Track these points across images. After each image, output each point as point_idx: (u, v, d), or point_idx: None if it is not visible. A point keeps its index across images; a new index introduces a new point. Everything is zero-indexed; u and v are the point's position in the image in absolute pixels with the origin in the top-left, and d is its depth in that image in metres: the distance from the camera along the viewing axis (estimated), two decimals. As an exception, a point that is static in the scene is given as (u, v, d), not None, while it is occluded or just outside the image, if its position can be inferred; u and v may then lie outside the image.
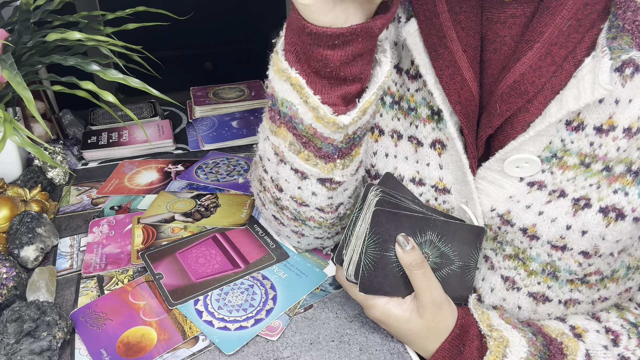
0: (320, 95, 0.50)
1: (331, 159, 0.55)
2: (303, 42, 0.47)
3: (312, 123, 0.51)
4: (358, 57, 0.48)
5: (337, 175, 0.56)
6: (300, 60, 0.49)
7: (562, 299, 0.55)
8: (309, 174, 0.56)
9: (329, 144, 0.53)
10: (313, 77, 0.49)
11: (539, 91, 0.50)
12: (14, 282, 0.61)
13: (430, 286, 0.53)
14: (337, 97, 0.50)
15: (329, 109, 0.50)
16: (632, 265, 0.55)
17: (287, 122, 0.53)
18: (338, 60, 0.47)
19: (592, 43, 0.48)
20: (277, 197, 0.63)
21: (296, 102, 0.51)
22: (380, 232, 0.53)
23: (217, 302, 0.63)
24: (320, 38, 0.46)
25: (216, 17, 1.56)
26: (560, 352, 0.53)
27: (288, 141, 0.54)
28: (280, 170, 0.58)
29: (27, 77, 0.80)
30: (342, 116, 0.50)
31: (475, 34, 0.53)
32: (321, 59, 0.47)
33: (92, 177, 0.91)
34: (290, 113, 0.52)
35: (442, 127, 0.57)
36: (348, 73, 0.49)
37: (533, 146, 0.51)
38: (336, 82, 0.50)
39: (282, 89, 0.51)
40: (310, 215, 0.62)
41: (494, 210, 0.55)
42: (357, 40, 0.46)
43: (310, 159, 0.55)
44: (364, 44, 0.47)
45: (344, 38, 0.45)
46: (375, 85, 0.51)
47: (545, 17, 0.48)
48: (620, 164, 0.48)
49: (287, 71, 0.50)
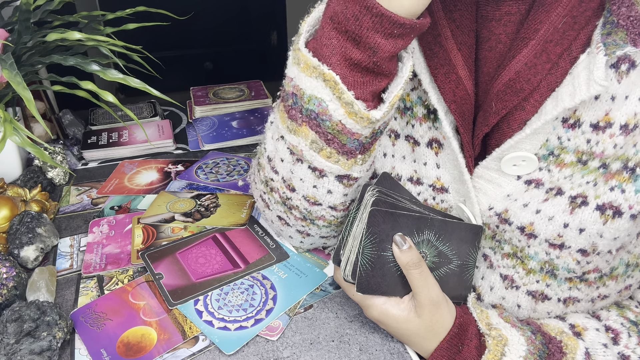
0: (354, 91, 0.50)
1: (353, 154, 0.55)
2: (360, 25, 0.46)
3: (342, 119, 0.51)
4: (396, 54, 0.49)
5: (356, 171, 0.57)
6: (335, 53, 0.49)
7: (561, 297, 0.55)
8: (328, 171, 0.56)
9: (354, 139, 0.53)
10: (347, 72, 0.49)
11: (535, 89, 0.50)
12: (14, 282, 0.61)
13: (428, 285, 0.53)
14: (368, 94, 0.51)
15: (363, 104, 0.50)
16: (631, 263, 0.54)
17: (310, 120, 0.53)
18: (388, 52, 0.47)
19: (588, 40, 0.48)
20: (287, 197, 0.62)
21: (327, 99, 0.50)
22: (377, 232, 0.53)
23: (217, 302, 0.63)
24: (383, 23, 0.46)
25: (216, 17, 1.56)
26: (559, 350, 0.52)
27: (310, 139, 0.54)
28: (295, 169, 0.58)
29: (27, 77, 0.80)
30: (374, 111, 0.51)
31: (470, 32, 0.53)
32: (372, 46, 0.47)
33: (92, 177, 0.91)
34: (319, 110, 0.51)
35: (438, 126, 0.57)
36: (386, 68, 0.49)
37: (530, 144, 0.51)
38: (369, 77, 0.50)
39: (312, 86, 0.51)
40: (321, 214, 0.62)
41: (492, 209, 0.55)
42: (410, 36, 0.47)
43: (332, 156, 0.55)
44: (410, 40, 0.48)
45: (404, 29, 0.46)
46: (402, 79, 0.52)
47: (540, 14, 0.48)
48: (616, 161, 0.48)
49: (319, 67, 0.49)
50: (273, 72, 1.24)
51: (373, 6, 0.45)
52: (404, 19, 0.45)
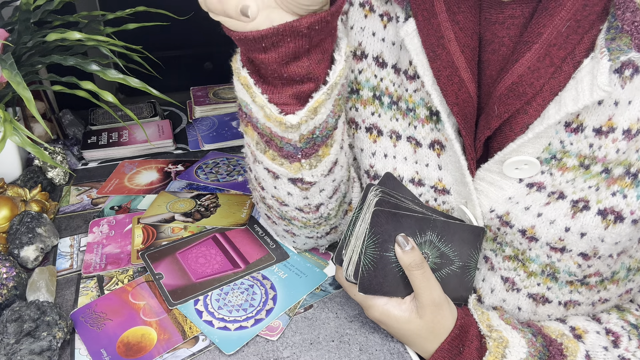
0: (270, 95, 0.49)
1: (295, 158, 0.54)
2: (242, 49, 0.48)
3: (265, 122, 0.51)
4: (301, 56, 0.47)
5: (307, 175, 0.55)
6: (250, 62, 0.49)
7: (562, 300, 0.55)
8: (279, 173, 0.56)
9: (286, 143, 0.52)
10: (258, 78, 0.50)
11: (538, 93, 0.49)
12: (14, 282, 0.61)
13: (430, 286, 0.53)
14: (289, 97, 0.49)
15: (275, 108, 0.49)
16: (632, 267, 0.55)
17: (249, 121, 0.54)
18: (274, 62, 0.46)
19: (591, 44, 0.47)
20: (262, 196, 0.63)
21: (248, 101, 0.51)
22: (380, 232, 0.53)
23: (217, 302, 0.63)
24: (248, 43, 0.45)
25: (216, 17, 1.55)
26: (560, 353, 0.52)
27: (255, 140, 0.55)
28: (257, 169, 0.59)
29: (27, 77, 0.80)
30: (289, 116, 0.49)
31: (474, 35, 0.53)
32: (259, 62, 0.47)
33: (92, 177, 0.91)
34: (247, 111, 0.52)
35: (441, 127, 0.57)
36: (292, 73, 0.47)
37: (532, 148, 0.51)
38: (284, 82, 0.49)
39: (238, 88, 0.52)
40: (293, 214, 0.62)
41: (493, 212, 0.55)
42: (286, 41, 0.45)
43: (275, 159, 0.55)
44: (295, 44, 0.45)
45: (269, 39, 0.44)
46: (326, 85, 0.49)
47: (543, 18, 0.48)
48: (619, 166, 0.48)
49: (238, 70, 0.50)
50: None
51: (232, 35, 0.46)
52: (259, 32, 0.44)
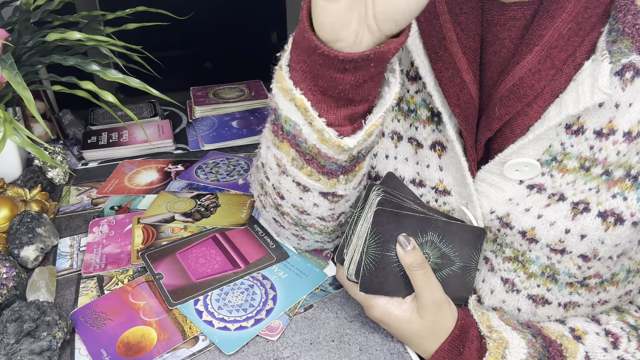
0: (326, 117, 0.48)
1: (334, 175, 0.53)
2: (313, 61, 0.45)
3: (316, 144, 0.49)
4: (368, 81, 0.46)
5: (340, 189, 0.55)
6: (306, 78, 0.47)
7: (562, 302, 0.55)
8: (311, 187, 0.55)
9: (332, 162, 0.51)
10: (319, 97, 0.47)
11: (538, 95, 0.50)
12: (14, 282, 0.61)
13: (431, 287, 0.53)
14: (343, 118, 0.48)
15: (334, 132, 0.48)
16: (632, 269, 0.55)
17: (290, 139, 0.51)
18: (348, 84, 0.45)
19: (592, 46, 0.47)
20: (278, 204, 0.62)
21: (300, 123, 0.49)
22: (382, 232, 0.53)
23: (217, 302, 0.63)
24: (331, 61, 0.43)
25: (216, 17, 1.56)
26: (559, 354, 0.52)
27: (291, 156, 0.53)
28: (282, 180, 0.57)
29: (27, 77, 0.80)
30: (347, 139, 0.48)
31: (475, 36, 0.53)
32: (330, 80, 0.45)
33: (92, 177, 0.91)
34: (294, 132, 0.50)
35: (442, 129, 0.57)
36: (356, 95, 0.47)
37: (533, 150, 0.51)
38: (343, 102, 0.47)
39: (286, 108, 0.49)
40: (311, 222, 0.62)
41: (494, 213, 0.55)
42: (370, 66, 0.44)
43: (313, 175, 0.53)
44: (376, 69, 0.45)
45: (356, 64, 0.43)
46: (383, 107, 0.49)
47: (545, 20, 0.48)
48: (619, 169, 0.48)
49: (292, 91, 0.47)
50: (273, 72, 1.24)
51: (317, 47, 0.43)
52: (351, 55, 0.42)
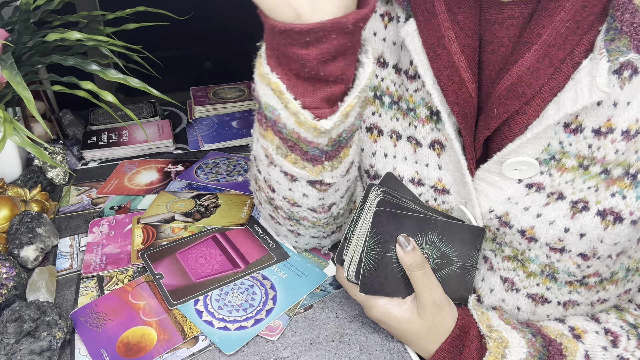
0: (302, 99, 0.48)
1: (319, 161, 0.53)
2: (277, 43, 0.45)
3: (294, 128, 0.49)
4: (338, 56, 0.45)
5: (327, 177, 0.55)
6: (281, 63, 0.47)
7: (561, 301, 0.55)
8: (298, 176, 0.55)
9: (314, 147, 0.51)
10: (294, 81, 0.47)
11: (537, 93, 0.50)
12: (14, 282, 0.61)
13: (431, 287, 0.53)
14: (320, 100, 0.48)
15: (310, 114, 0.48)
16: (631, 268, 0.55)
17: (272, 126, 0.52)
18: (314, 59, 0.45)
19: (590, 45, 0.48)
20: (270, 197, 0.62)
21: (278, 107, 0.49)
22: (381, 233, 0.53)
23: (217, 302, 0.63)
24: (290, 36, 0.43)
25: (216, 17, 1.55)
26: (559, 353, 0.53)
27: (275, 144, 0.53)
28: (271, 172, 0.58)
29: (27, 77, 0.80)
30: (323, 121, 0.48)
31: (474, 35, 0.53)
32: (297, 59, 0.45)
33: (92, 177, 0.91)
34: (274, 117, 0.50)
35: (441, 127, 0.57)
36: (328, 73, 0.46)
37: (531, 148, 0.51)
38: (318, 84, 0.47)
39: (265, 94, 0.50)
40: (303, 215, 0.62)
41: (493, 212, 0.55)
42: (330, 37, 0.43)
43: (297, 162, 0.53)
44: (339, 41, 0.44)
45: (314, 34, 0.43)
46: (357, 88, 0.49)
47: (543, 18, 0.48)
48: (618, 167, 0.48)
49: (267, 76, 0.48)
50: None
51: (274, 26, 0.43)
52: (307, 25, 0.42)
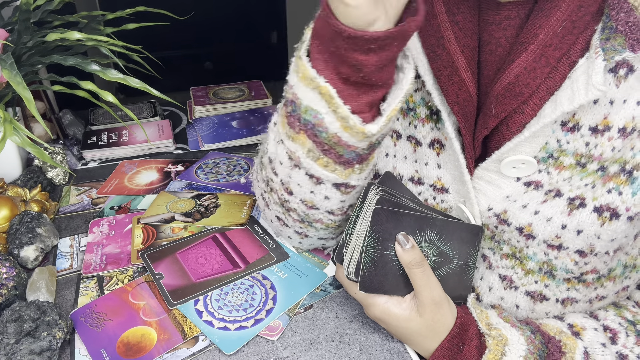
0: (349, 104, 0.48)
1: (350, 164, 0.54)
2: (337, 47, 0.45)
3: (337, 132, 0.50)
4: (390, 63, 0.47)
5: (354, 179, 0.56)
6: (329, 67, 0.48)
7: (560, 298, 0.56)
8: (325, 179, 0.55)
9: (351, 151, 0.52)
10: (340, 86, 0.48)
11: (534, 92, 0.50)
12: (14, 282, 0.61)
13: (430, 285, 0.53)
14: (365, 105, 0.50)
15: (359, 118, 0.49)
16: (628, 264, 0.55)
17: (308, 129, 0.52)
18: (373, 66, 0.46)
19: (586, 44, 0.48)
20: (285, 200, 0.62)
21: (323, 111, 0.49)
22: (381, 231, 0.53)
23: (217, 302, 0.63)
24: (357, 42, 0.44)
25: (216, 17, 1.56)
26: (558, 350, 0.53)
27: (307, 148, 0.53)
28: (293, 174, 0.57)
29: (27, 77, 0.80)
30: (370, 125, 0.49)
31: (473, 35, 0.53)
32: (355, 64, 0.46)
33: (92, 177, 0.91)
34: (315, 121, 0.50)
35: (441, 127, 0.57)
36: (378, 79, 0.48)
37: (529, 147, 0.52)
38: (362, 88, 0.48)
39: (308, 97, 0.50)
40: (318, 217, 0.62)
41: (491, 210, 0.55)
42: (393, 45, 0.45)
43: (329, 165, 0.54)
44: (398, 48, 0.46)
45: (381, 42, 0.44)
46: (401, 92, 0.50)
47: (539, 19, 0.49)
48: (614, 164, 0.49)
49: (315, 80, 0.48)
50: (273, 72, 1.24)
51: (342, 31, 0.44)
52: (376, 34, 0.43)
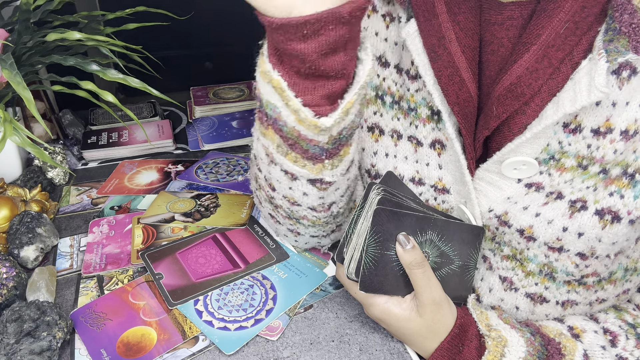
0: (303, 97, 0.48)
1: (319, 160, 0.54)
2: (276, 40, 0.46)
3: (295, 125, 0.50)
4: (338, 49, 0.46)
5: (327, 175, 0.55)
6: (282, 61, 0.48)
7: (560, 300, 0.56)
8: (298, 175, 0.55)
9: (314, 145, 0.52)
10: (295, 79, 0.48)
11: (536, 93, 0.50)
12: (14, 282, 0.61)
13: (430, 285, 0.53)
14: (321, 98, 0.49)
15: (310, 111, 0.48)
16: (629, 267, 0.55)
17: (273, 124, 0.52)
18: (313, 52, 0.45)
19: (589, 45, 0.48)
20: (270, 196, 0.63)
21: (279, 105, 0.49)
22: (382, 231, 0.53)
23: (217, 302, 0.63)
24: (287, 30, 0.44)
25: (216, 17, 1.56)
26: (558, 352, 0.53)
27: (276, 143, 0.54)
28: (271, 170, 0.58)
29: (27, 77, 0.80)
30: (323, 118, 0.49)
31: (474, 35, 0.53)
32: (297, 54, 0.45)
33: (92, 177, 0.91)
34: (275, 115, 0.51)
35: (441, 127, 0.57)
36: (329, 67, 0.47)
37: (530, 148, 0.51)
38: (318, 81, 0.48)
39: (266, 91, 0.50)
40: (303, 214, 0.62)
41: (492, 211, 0.55)
42: (328, 28, 0.44)
43: (298, 161, 0.54)
44: (337, 32, 0.44)
45: (311, 26, 0.43)
46: (357, 84, 0.49)
47: (542, 19, 0.48)
48: (616, 167, 0.48)
49: (269, 73, 0.48)
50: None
51: (270, 23, 0.44)
52: (302, 17, 0.43)
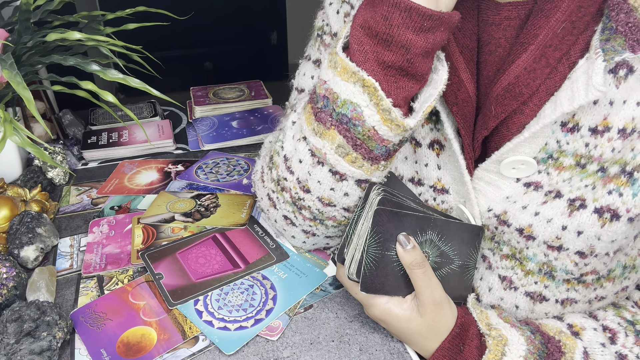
0: (391, 98, 0.50)
1: (377, 160, 0.54)
2: (391, 24, 0.47)
3: (375, 125, 0.51)
4: (433, 52, 0.49)
5: (376, 176, 0.56)
6: (369, 59, 0.49)
7: (559, 299, 0.56)
8: (349, 175, 0.56)
9: (383, 145, 0.53)
10: (382, 78, 0.49)
11: (534, 93, 0.50)
12: (14, 282, 0.61)
13: (431, 285, 0.53)
14: (402, 99, 0.51)
15: (400, 111, 0.50)
16: (628, 265, 0.55)
17: (340, 124, 0.52)
18: (420, 47, 0.47)
19: (586, 45, 0.48)
20: (299, 198, 0.62)
21: (363, 104, 0.50)
22: (382, 232, 0.53)
23: (217, 302, 0.63)
24: (412, 15, 0.46)
25: (216, 17, 1.56)
26: (558, 350, 0.53)
27: (336, 143, 0.54)
28: (314, 171, 0.57)
29: (27, 77, 0.80)
30: (408, 119, 0.51)
31: (472, 36, 0.53)
32: (404, 44, 0.47)
33: (92, 177, 0.91)
34: (352, 115, 0.51)
35: (440, 127, 0.57)
36: (420, 68, 0.49)
37: (529, 148, 0.52)
38: (403, 81, 0.50)
39: (348, 91, 0.50)
40: (332, 214, 0.62)
41: (491, 211, 0.55)
42: (441, 29, 0.47)
43: (357, 161, 0.54)
44: (442, 37, 0.48)
45: (432, 22, 0.46)
46: (436, 90, 0.51)
47: (539, 19, 0.49)
48: (614, 165, 0.48)
49: (358, 73, 0.49)
50: (273, 72, 1.24)
51: (401, 2, 0.46)
52: (432, 11, 0.46)
